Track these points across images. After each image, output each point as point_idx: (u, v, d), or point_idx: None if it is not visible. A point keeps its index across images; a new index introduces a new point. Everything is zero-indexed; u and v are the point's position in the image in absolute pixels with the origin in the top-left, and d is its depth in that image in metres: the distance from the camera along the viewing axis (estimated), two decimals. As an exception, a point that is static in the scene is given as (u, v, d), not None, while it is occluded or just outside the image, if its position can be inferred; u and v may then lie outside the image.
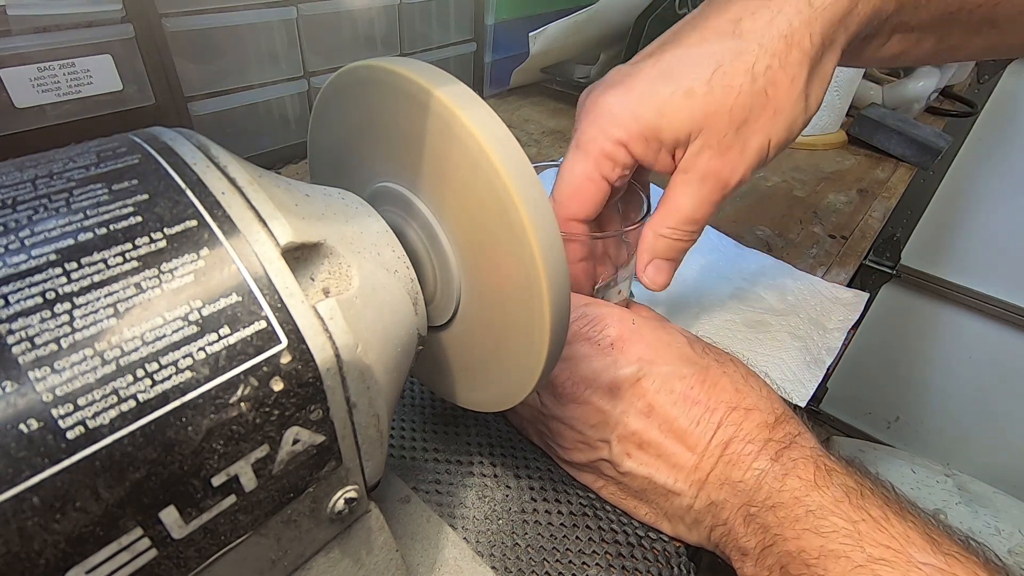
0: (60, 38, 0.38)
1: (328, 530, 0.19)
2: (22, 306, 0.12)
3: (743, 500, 0.25)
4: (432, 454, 0.30)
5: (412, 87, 0.20)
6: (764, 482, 0.24)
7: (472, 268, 0.22)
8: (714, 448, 0.26)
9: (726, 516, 0.25)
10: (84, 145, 0.16)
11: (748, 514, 0.24)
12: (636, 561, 0.26)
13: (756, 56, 0.27)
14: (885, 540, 0.21)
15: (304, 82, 0.54)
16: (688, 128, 0.28)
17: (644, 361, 0.27)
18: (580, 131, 0.30)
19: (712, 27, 0.28)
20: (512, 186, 0.19)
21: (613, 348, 0.27)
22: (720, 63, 0.27)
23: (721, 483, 0.25)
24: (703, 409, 0.26)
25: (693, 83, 0.27)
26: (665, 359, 0.27)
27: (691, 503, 0.26)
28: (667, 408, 0.26)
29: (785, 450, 0.25)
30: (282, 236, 0.16)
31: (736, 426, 0.26)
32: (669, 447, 0.26)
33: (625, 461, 0.27)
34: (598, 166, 0.29)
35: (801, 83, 0.28)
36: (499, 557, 0.26)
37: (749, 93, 0.27)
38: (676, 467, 0.26)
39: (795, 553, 0.23)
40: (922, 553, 0.21)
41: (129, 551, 0.13)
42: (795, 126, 0.29)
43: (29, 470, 0.11)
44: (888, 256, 1.16)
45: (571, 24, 0.65)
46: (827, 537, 0.22)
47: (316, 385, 0.15)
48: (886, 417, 1.44)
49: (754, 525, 0.24)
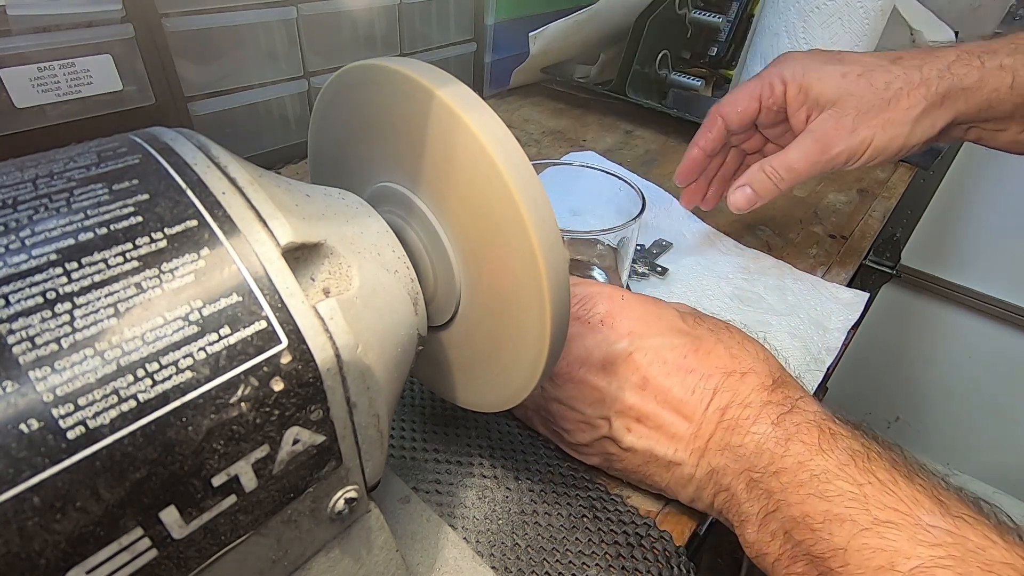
0: (60, 38, 0.38)
1: (328, 530, 0.19)
2: (23, 306, 0.12)
3: (744, 466, 0.25)
4: (432, 454, 0.30)
5: (413, 87, 0.20)
6: (765, 447, 0.24)
7: (472, 268, 0.22)
8: (711, 414, 0.26)
9: (728, 482, 0.25)
10: (84, 145, 0.16)
11: (750, 480, 0.24)
12: (636, 561, 0.26)
13: (896, 76, 0.37)
14: (892, 503, 0.21)
15: (304, 82, 0.54)
16: (829, 96, 0.37)
17: (635, 335, 0.27)
18: (763, 70, 0.41)
19: (883, 54, 0.39)
20: (513, 186, 0.19)
21: (604, 324, 0.28)
22: (872, 69, 0.37)
23: (721, 449, 0.25)
24: (698, 377, 0.26)
25: (850, 70, 0.38)
26: (655, 331, 0.28)
27: (692, 472, 0.26)
28: (661, 379, 0.27)
29: (786, 415, 0.25)
30: (282, 236, 0.16)
31: (732, 391, 0.26)
32: (666, 418, 0.26)
33: (626, 436, 0.27)
34: (760, 86, 0.40)
35: (915, 113, 0.37)
36: (499, 557, 0.26)
37: (879, 97, 0.37)
38: (675, 437, 0.26)
39: (799, 518, 0.22)
40: (931, 516, 0.21)
41: (129, 551, 0.13)
42: (894, 142, 0.37)
43: (30, 470, 0.11)
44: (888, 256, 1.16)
45: (571, 24, 0.65)
46: (832, 501, 0.22)
47: (316, 385, 0.15)
48: (886, 417, 1.44)
49: (757, 491, 0.24)
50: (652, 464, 0.27)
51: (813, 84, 0.38)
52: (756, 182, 0.39)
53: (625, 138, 0.66)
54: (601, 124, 0.69)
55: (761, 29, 0.64)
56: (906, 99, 0.36)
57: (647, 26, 0.64)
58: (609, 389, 0.27)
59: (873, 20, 0.58)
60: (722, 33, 0.71)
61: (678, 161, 0.45)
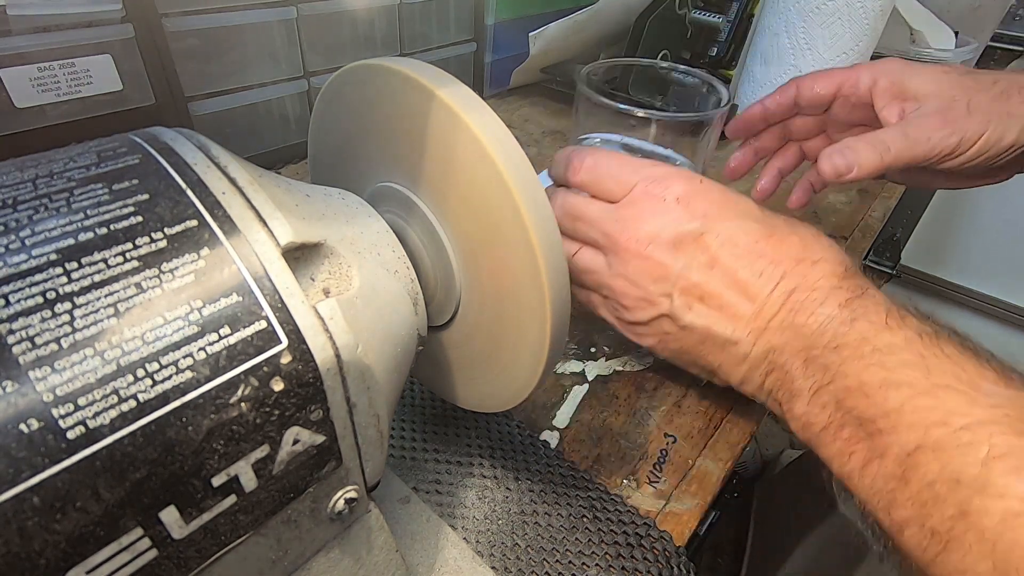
0: (60, 38, 0.38)
1: (328, 530, 0.19)
2: (23, 306, 0.12)
3: (804, 343, 0.25)
4: (432, 454, 0.30)
5: (413, 87, 0.20)
6: (829, 327, 0.24)
7: (472, 268, 0.22)
8: (776, 296, 0.26)
9: (784, 360, 0.26)
10: (84, 145, 0.16)
11: (808, 356, 0.25)
12: (636, 561, 0.26)
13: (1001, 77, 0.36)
14: (954, 372, 0.21)
15: (304, 82, 0.54)
16: (930, 89, 0.35)
17: (709, 217, 0.28)
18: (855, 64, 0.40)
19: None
20: (513, 186, 0.19)
21: (678, 203, 0.28)
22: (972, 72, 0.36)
23: (782, 329, 0.26)
24: (767, 262, 0.27)
25: (951, 69, 0.36)
26: (731, 215, 0.28)
27: (748, 351, 0.27)
28: (729, 261, 0.27)
29: (855, 299, 0.25)
30: (282, 236, 0.16)
31: (802, 276, 0.26)
32: (730, 298, 0.27)
33: (686, 314, 0.28)
34: (844, 74, 0.38)
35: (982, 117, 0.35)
36: (499, 557, 0.26)
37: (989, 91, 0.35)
38: (735, 317, 0.27)
39: (854, 387, 0.22)
40: (993, 385, 0.20)
41: (129, 551, 0.13)
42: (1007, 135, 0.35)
43: (29, 470, 0.11)
44: (888, 256, 1.16)
45: (571, 24, 0.65)
46: (892, 371, 0.22)
47: (316, 385, 0.15)
48: (886, 417, 1.44)
49: (814, 367, 0.24)
50: (708, 343, 0.28)
51: (910, 79, 0.36)
52: (860, 149, 0.34)
53: (625, 138, 0.66)
54: (601, 124, 0.69)
55: (761, 29, 0.64)
56: (1017, 95, 0.35)
57: (647, 26, 0.64)
58: (675, 267, 0.28)
59: (873, 20, 0.58)
60: (722, 33, 0.71)
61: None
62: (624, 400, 0.34)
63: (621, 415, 0.33)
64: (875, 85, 0.37)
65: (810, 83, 0.40)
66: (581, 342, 0.38)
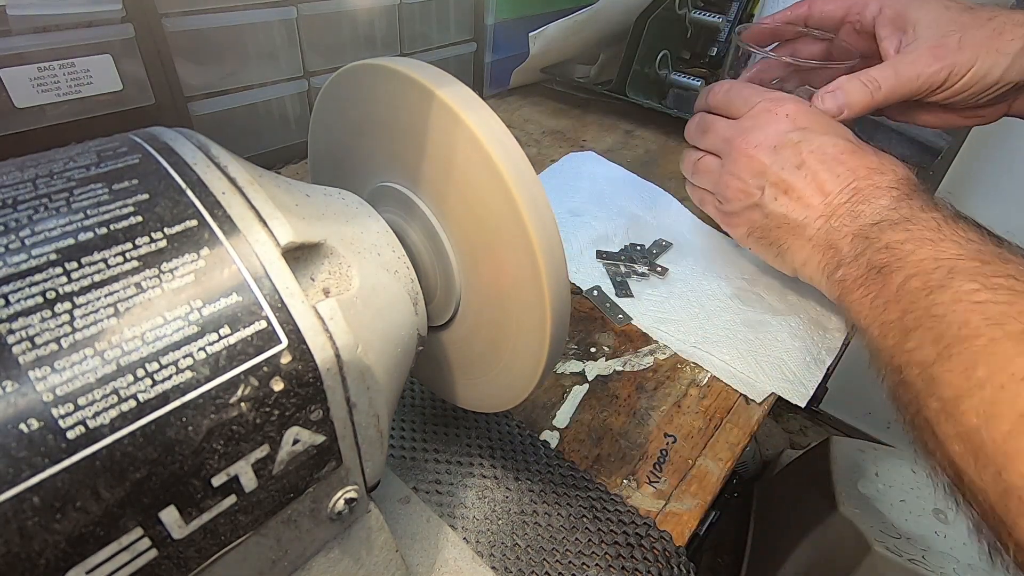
0: (60, 38, 0.38)
1: (328, 530, 0.19)
2: (22, 306, 0.12)
3: (858, 225, 0.32)
4: (432, 454, 0.30)
5: (413, 87, 0.20)
6: (880, 213, 0.31)
7: (472, 268, 0.22)
8: (845, 191, 0.33)
9: (837, 239, 0.33)
10: (84, 145, 0.16)
11: (857, 233, 0.31)
12: (636, 561, 0.26)
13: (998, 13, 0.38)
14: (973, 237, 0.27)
15: (304, 82, 0.54)
16: (930, 20, 0.38)
17: (808, 130, 0.35)
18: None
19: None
20: (513, 186, 0.19)
21: (787, 118, 0.36)
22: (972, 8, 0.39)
23: (843, 215, 0.33)
24: (845, 168, 0.34)
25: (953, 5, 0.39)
26: (828, 132, 0.35)
27: (814, 233, 0.34)
28: (815, 164, 0.34)
29: (908, 198, 0.31)
30: (282, 236, 0.16)
31: (870, 180, 0.33)
32: (808, 192, 0.34)
33: (771, 203, 0.35)
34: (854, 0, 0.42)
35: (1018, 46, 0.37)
36: (499, 557, 0.26)
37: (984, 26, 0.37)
38: (809, 207, 0.34)
39: (882, 247, 0.29)
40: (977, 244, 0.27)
41: (129, 551, 0.13)
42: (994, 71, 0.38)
43: (29, 470, 0.11)
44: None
45: (571, 24, 0.65)
46: (911, 232, 0.28)
47: (316, 385, 0.15)
48: (886, 417, 1.44)
49: (859, 239, 0.31)
50: (784, 227, 0.35)
51: (912, 11, 0.39)
52: (850, 89, 0.38)
53: (625, 138, 0.66)
54: (601, 124, 0.69)
55: (761, 29, 0.64)
56: (1010, 32, 0.37)
57: (647, 26, 0.64)
58: (772, 165, 0.35)
59: None
60: (722, 33, 0.71)
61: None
62: (624, 400, 0.34)
63: (621, 415, 0.33)
64: (880, 14, 0.41)
65: (822, 3, 0.45)
66: (581, 342, 0.38)
